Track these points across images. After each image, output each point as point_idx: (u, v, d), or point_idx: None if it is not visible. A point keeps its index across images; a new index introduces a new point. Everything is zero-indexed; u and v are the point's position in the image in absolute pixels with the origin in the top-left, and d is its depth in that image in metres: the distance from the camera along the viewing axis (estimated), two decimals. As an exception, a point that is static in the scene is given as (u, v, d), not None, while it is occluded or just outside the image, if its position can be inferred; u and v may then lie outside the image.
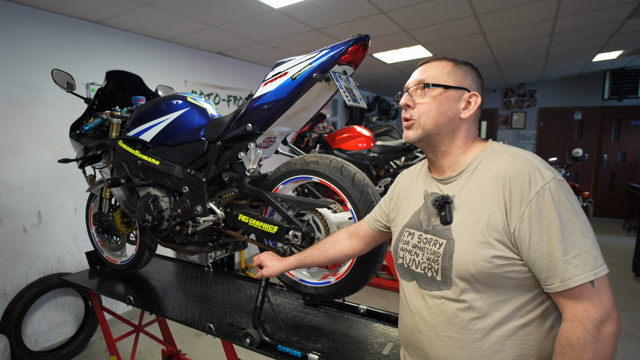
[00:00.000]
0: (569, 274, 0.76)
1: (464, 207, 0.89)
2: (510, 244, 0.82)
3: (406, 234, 1.02)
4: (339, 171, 1.39)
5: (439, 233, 0.92)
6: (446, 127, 0.94)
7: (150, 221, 1.79)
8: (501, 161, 0.87)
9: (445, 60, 0.98)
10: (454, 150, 0.95)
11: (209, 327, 1.54)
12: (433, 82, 0.94)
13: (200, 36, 3.70)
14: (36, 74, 2.85)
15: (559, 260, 0.77)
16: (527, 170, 0.82)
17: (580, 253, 0.77)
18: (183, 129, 1.73)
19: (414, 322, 0.98)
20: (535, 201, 0.79)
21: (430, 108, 0.94)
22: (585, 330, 0.76)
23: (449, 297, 0.89)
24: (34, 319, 2.93)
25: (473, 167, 0.91)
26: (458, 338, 0.88)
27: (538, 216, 0.79)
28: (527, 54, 5.08)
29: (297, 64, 1.35)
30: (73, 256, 3.15)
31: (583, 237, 0.78)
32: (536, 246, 0.79)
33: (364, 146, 4.01)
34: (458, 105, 0.94)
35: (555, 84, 7.76)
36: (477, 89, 0.96)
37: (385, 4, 3.01)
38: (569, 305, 0.79)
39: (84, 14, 2.99)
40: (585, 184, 7.69)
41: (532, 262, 0.80)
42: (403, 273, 1.03)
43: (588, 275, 0.76)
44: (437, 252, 0.91)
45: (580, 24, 3.76)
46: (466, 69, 0.96)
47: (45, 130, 2.94)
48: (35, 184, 2.90)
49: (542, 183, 0.80)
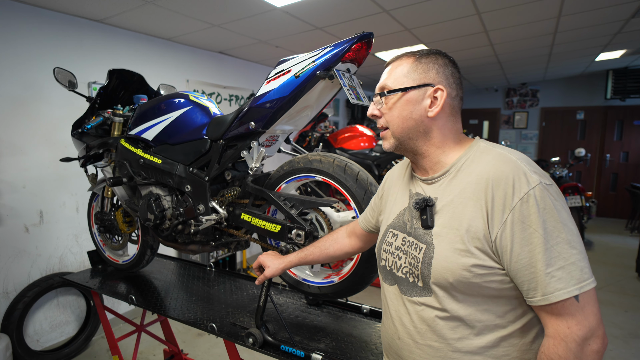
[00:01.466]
0: (550, 288, 0.71)
1: (445, 211, 0.84)
2: (492, 252, 0.77)
3: (390, 235, 0.98)
4: (343, 170, 1.38)
5: (419, 237, 0.87)
6: (415, 130, 0.89)
7: (152, 220, 1.78)
8: (485, 162, 0.81)
9: (406, 56, 0.91)
10: (432, 151, 0.90)
11: (211, 327, 1.53)
12: (389, 89, 0.90)
13: (202, 35, 3.69)
14: (38, 72, 2.84)
15: (541, 272, 0.72)
16: (512, 173, 0.76)
17: (565, 265, 0.71)
18: (185, 127, 1.72)
19: (394, 328, 0.95)
20: (518, 208, 0.73)
21: (393, 115, 0.90)
22: (567, 349, 0.71)
23: (429, 304, 0.85)
24: (35, 318, 2.93)
25: (457, 168, 0.86)
26: (437, 347, 0.85)
27: (521, 224, 0.73)
28: (529, 53, 5.06)
29: (300, 61, 1.34)
30: (75, 255, 3.15)
31: (569, 248, 0.72)
32: (518, 256, 0.73)
33: (366, 145, 4.00)
34: (422, 104, 0.87)
35: (558, 84, 7.74)
36: (445, 79, 0.88)
37: (388, 3, 3.00)
38: (551, 320, 0.74)
39: (86, 12, 2.99)
40: (588, 184, 7.66)
41: (514, 272, 0.75)
42: (385, 276, 0.99)
43: (572, 290, 0.70)
44: (417, 257, 0.86)
45: (583, 22, 3.74)
46: (428, 61, 0.88)
47: (47, 129, 2.93)
48: (37, 183, 2.90)
49: (527, 188, 0.74)
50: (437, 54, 0.90)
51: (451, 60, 0.91)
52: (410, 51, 0.93)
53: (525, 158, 0.81)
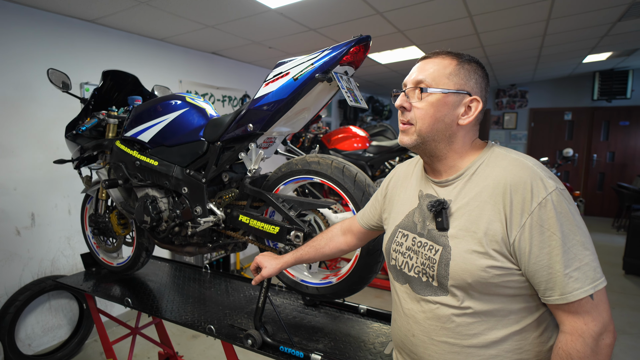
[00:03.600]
0: (569, 288, 0.75)
1: (461, 213, 0.86)
2: (509, 254, 0.80)
3: (399, 235, 0.99)
4: (341, 171, 1.40)
5: (434, 238, 0.89)
6: (442, 134, 0.89)
7: (148, 222, 1.77)
8: (502, 167, 0.84)
9: (449, 56, 0.90)
10: (450, 155, 0.91)
11: (209, 329, 1.53)
12: (431, 86, 0.88)
13: (196, 36, 3.68)
14: (30, 73, 2.81)
15: (560, 273, 0.75)
16: (530, 179, 0.79)
17: (581, 266, 0.75)
18: (182, 129, 1.72)
19: (407, 326, 0.96)
20: (537, 212, 0.77)
21: (426, 113, 0.88)
22: (585, 344, 0.76)
23: (445, 302, 0.87)
24: (27, 322, 2.89)
25: (472, 171, 0.88)
26: (453, 343, 0.87)
27: (539, 228, 0.77)
28: (519, 55, 5.14)
29: (298, 64, 1.35)
30: (67, 258, 3.11)
31: (583, 249, 0.76)
32: (536, 258, 0.77)
33: (359, 146, 4.02)
34: (457, 110, 0.88)
35: (546, 85, 7.86)
36: (480, 91, 0.89)
37: (382, 5, 3.02)
38: (568, 318, 0.78)
39: (78, 12, 2.95)
40: (575, 184, 7.80)
41: (532, 273, 0.79)
42: (396, 275, 1.01)
43: (588, 289, 0.75)
44: (433, 259, 0.88)
45: (572, 25, 3.82)
46: (470, 69, 0.89)
47: (39, 131, 2.90)
48: (28, 185, 2.86)
49: (545, 193, 0.77)
50: (478, 63, 0.91)
51: (486, 74, 0.92)
52: (452, 51, 0.91)
53: (539, 164, 0.84)
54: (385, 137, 4.66)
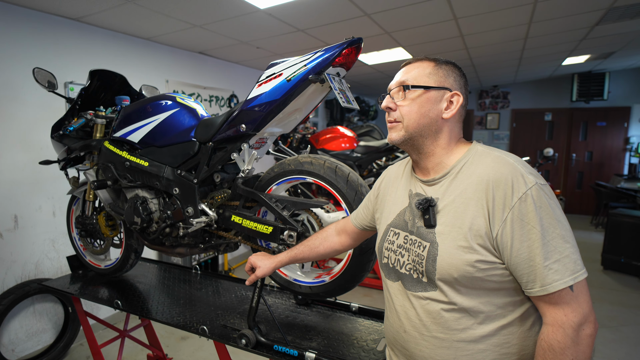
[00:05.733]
0: (548, 279, 0.78)
1: (447, 210, 0.89)
2: (493, 248, 0.83)
3: (391, 233, 1.02)
4: (333, 171, 1.42)
5: (422, 235, 0.93)
6: (429, 128, 0.93)
7: (139, 223, 1.76)
8: (485, 165, 0.87)
9: (427, 60, 0.97)
10: (437, 151, 0.95)
11: (202, 330, 1.53)
12: (413, 84, 0.94)
13: (183, 35, 3.65)
14: (12, 72, 2.74)
15: (540, 265, 0.78)
16: (510, 175, 0.82)
17: (561, 258, 0.78)
18: (173, 129, 1.71)
19: (399, 322, 0.99)
20: (517, 207, 0.80)
21: (411, 109, 0.94)
22: (565, 334, 0.78)
23: (434, 298, 0.90)
24: (10, 327, 2.82)
25: (457, 170, 0.91)
26: (443, 338, 0.90)
27: (520, 222, 0.80)
28: (501, 57, 5.27)
29: (291, 65, 1.36)
30: (52, 261, 3.05)
31: (563, 242, 0.79)
32: (517, 251, 0.80)
33: (347, 146, 4.05)
34: (440, 105, 0.93)
35: (527, 86, 8.06)
36: (460, 88, 0.95)
37: (370, 7, 3.06)
38: (549, 309, 0.81)
39: (63, 10, 2.90)
40: (556, 182, 8.01)
41: (514, 266, 0.81)
42: (388, 273, 1.04)
43: (567, 280, 0.77)
44: (422, 255, 0.91)
45: (552, 29, 3.94)
46: (448, 69, 0.95)
47: (21, 131, 2.83)
48: (11, 187, 2.79)
49: (525, 188, 0.80)
50: (454, 65, 0.97)
51: (463, 74, 0.98)
52: (427, 56, 0.98)
53: (521, 160, 0.87)
54: (372, 137, 4.71)
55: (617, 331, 3.30)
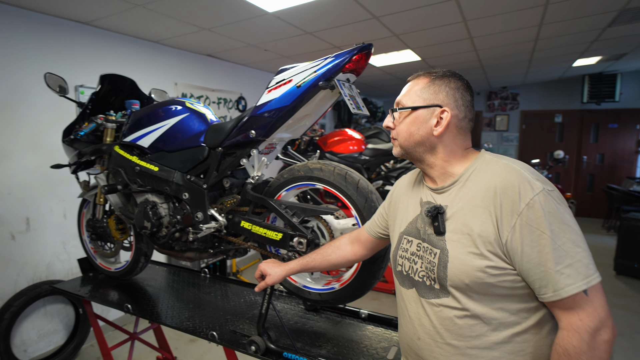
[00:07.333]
0: (561, 284, 0.77)
1: (456, 217, 0.90)
2: (503, 254, 0.83)
3: (405, 241, 1.04)
4: (343, 178, 1.41)
5: (433, 242, 0.94)
6: (422, 145, 0.97)
7: (149, 228, 1.77)
8: (492, 172, 0.88)
9: (423, 76, 0.99)
10: (439, 163, 0.97)
11: (212, 335, 1.53)
12: (402, 106, 0.98)
13: (191, 38, 3.67)
14: (23, 76, 2.77)
15: (551, 270, 0.78)
16: (517, 182, 0.83)
17: (572, 263, 0.77)
18: (182, 134, 1.72)
19: (413, 330, 0.99)
20: (525, 213, 0.80)
21: (402, 129, 0.99)
22: (581, 339, 0.77)
23: (447, 304, 0.90)
24: (22, 328, 2.85)
25: (465, 178, 0.92)
26: (457, 345, 0.90)
27: (529, 227, 0.80)
28: (511, 58, 5.21)
29: (301, 71, 1.36)
30: (62, 263, 3.08)
31: (574, 246, 0.78)
32: (528, 257, 0.80)
33: (355, 149, 4.04)
34: (429, 123, 0.94)
35: (537, 88, 7.97)
36: (453, 102, 0.94)
37: (378, 10, 3.05)
38: (564, 314, 0.80)
39: (73, 14, 2.93)
40: (566, 185, 7.91)
41: (525, 272, 0.81)
42: (402, 280, 1.04)
43: (580, 285, 0.77)
44: (433, 262, 0.92)
45: (563, 30, 3.88)
46: (441, 83, 0.95)
47: (33, 134, 2.86)
48: (23, 190, 2.82)
49: (532, 194, 0.81)
50: (451, 76, 0.96)
51: (464, 84, 0.97)
52: (429, 71, 1.00)
53: (528, 167, 0.88)
54: (380, 139, 4.70)
55: (632, 339, 3.24)
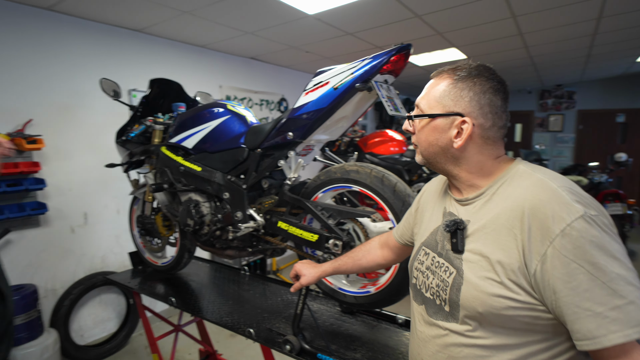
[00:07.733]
0: (602, 330, 0.63)
1: (477, 236, 0.79)
2: (530, 287, 0.71)
3: (422, 253, 0.95)
4: (380, 181, 1.39)
5: (450, 260, 0.84)
6: (443, 156, 0.86)
7: (192, 225, 1.84)
8: (523, 188, 0.75)
9: (446, 74, 0.86)
10: (463, 175, 0.86)
11: (248, 332, 1.57)
12: (424, 110, 0.87)
13: (235, 42, 3.79)
14: (82, 81, 3.00)
15: (590, 312, 0.64)
16: (551, 202, 0.69)
17: (622, 305, 0.62)
18: (224, 136, 1.78)
19: (417, 349, 0.92)
20: (559, 241, 0.66)
21: (420, 137, 0.89)
22: None
23: (455, 330, 0.81)
24: (80, 314, 3.09)
25: (492, 191, 0.81)
26: None
27: (562, 259, 0.66)
28: (566, 55, 4.89)
29: (338, 73, 1.36)
30: (115, 255, 3.30)
31: (625, 284, 0.63)
32: (561, 293, 0.66)
33: (396, 150, 3.97)
34: (448, 133, 0.83)
35: (596, 85, 7.41)
36: (478, 109, 0.81)
37: (421, 8, 2.98)
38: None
39: (126, 23, 3.13)
40: (629, 191, 7.28)
41: (558, 311, 0.68)
42: (415, 295, 0.97)
43: (631, 333, 0.61)
44: (446, 281, 0.83)
45: (625, 23, 3.58)
46: (464, 86, 0.82)
47: (90, 135, 3.09)
48: (81, 187, 3.05)
49: (569, 220, 0.67)
50: (477, 76, 0.82)
51: (493, 86, 0.82)
52: (453, 67, 0.86)
53: (569, 185, 0.74)
54: (422, 140, 4.58)
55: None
